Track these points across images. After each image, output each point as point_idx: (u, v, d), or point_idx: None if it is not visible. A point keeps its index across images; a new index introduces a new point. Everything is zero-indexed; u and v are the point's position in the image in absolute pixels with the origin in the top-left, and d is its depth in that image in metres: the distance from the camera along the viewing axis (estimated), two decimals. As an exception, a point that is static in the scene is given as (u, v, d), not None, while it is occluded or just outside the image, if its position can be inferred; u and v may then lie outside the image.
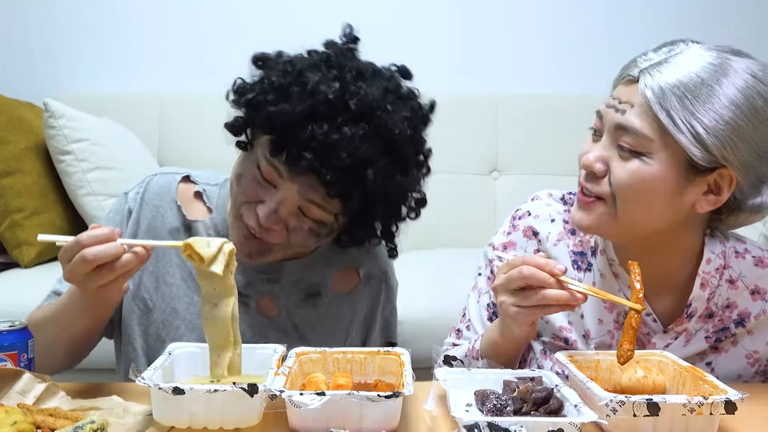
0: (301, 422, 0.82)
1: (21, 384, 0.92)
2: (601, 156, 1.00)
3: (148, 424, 0.85)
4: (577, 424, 0.79)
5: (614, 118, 0.98)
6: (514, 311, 0.96)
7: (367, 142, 1.00)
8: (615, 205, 0.99)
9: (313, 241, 1.11)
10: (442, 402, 0.90)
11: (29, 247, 2.07)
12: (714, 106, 0.93)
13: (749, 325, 1.07)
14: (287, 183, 1.03)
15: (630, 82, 0.98)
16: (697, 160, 0.94)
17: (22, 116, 2.17)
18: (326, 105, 1.00)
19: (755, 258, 1.09)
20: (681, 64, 0.95)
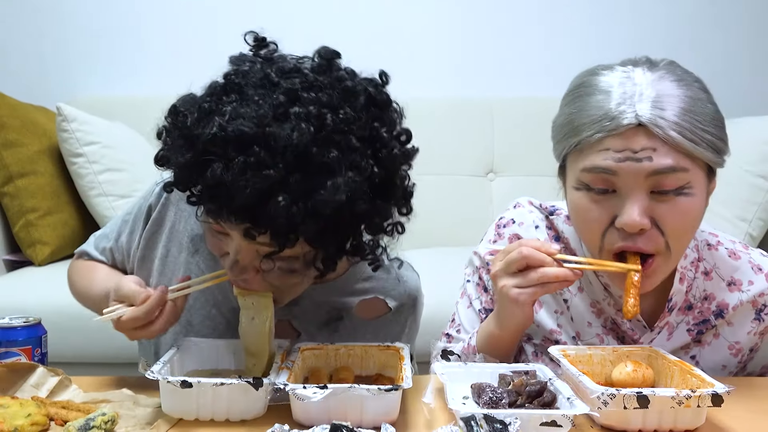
0: (305, 414, 0.82)
1: (35, 378, 0.93)
2: (643, 211, 0.90)
3: (157, 417, 0.85)
4: (570, 416, 0.79)
5: (643, 169, 0.89)
6: (516, 292, 0.95)
7: (263, 166, 0.81)
8: (669, 251, 0.94)
9: (294, 279, 0.95)
10: (439, 395, 0.90)
11: (43, 246, 2.08)
12: (708, 112, 0.94)
13: (728, 316, 1.06)
14: (234, 236, 0.89)
15: (626, 131, 0.90)
16: (714, 166, 0.96)
17: (35, 120, 2.17)
18: (210, 146, 0.83)
19: (728, 250, 1.09)
20: (669, 93, 0.91)
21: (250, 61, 0.92)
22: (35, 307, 1.53)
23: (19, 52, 2.69)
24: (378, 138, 0.90)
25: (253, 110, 0.83)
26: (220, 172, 0.82)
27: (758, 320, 1.06)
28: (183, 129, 0.88)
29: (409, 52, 2.71)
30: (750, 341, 1.07)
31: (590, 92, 0.95)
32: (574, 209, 1.00)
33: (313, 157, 0.82)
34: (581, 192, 0.96)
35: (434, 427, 0.80)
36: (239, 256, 0.91)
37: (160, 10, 2.67)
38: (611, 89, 0.92)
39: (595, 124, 0.92)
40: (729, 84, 2.71)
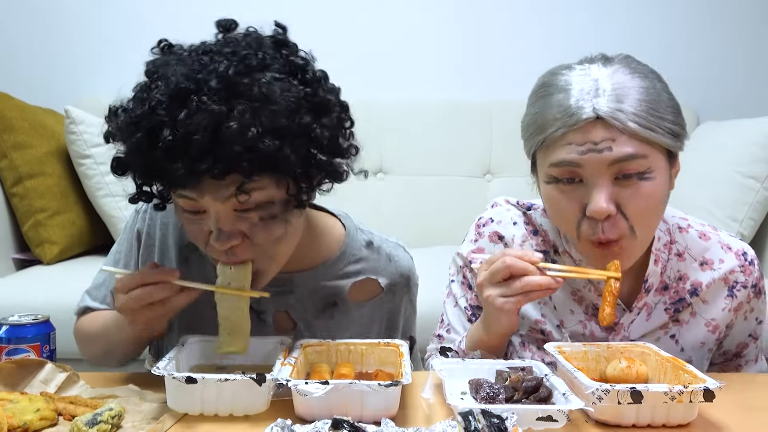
0: (307, 409, 0.82)
1: (43, 373, 0.93)
2: (608, 197, 0.94)
3: (162, 412, 0.85)
4: (565, 411, 0.79)
5: (605, 158, 0.93)
6: (501, 301, 0.96)
7: (205, 107, 0.84)
8: (635, 235, 0.97)
9: (278, 228, 0.94)
10: (438, 390, 0.90)
11: (51, 245, 2.08)
12: (663, 100, 0.97)
13: (702, 294, 1.09)
14: (204, 200, 0.90)
15: (587, 125, 0.94)
16: (674, 150, 1.00)
17: (44, 122, 2.17)
18: (153, 116, 0.87)
19: (698, 232, 1.12)
20: (625, 85, 0.94)
21: (165, 53, 0.98)
22: (44, 304, 1.53)
23: (28, 56, 2.69)
24: (297, 66, 0.94)
25: (179, 72, 0.88)
26: (170, 132, 0.84)
27: (731, 297, 1.09)
28: (126, 116, 0.92)
29: (409, 55, 2.71)
30: (725, 317, 1.10)
31: (551, 91, 0.98)
32: (547, 202, 1.03)
33: (247, 86, 0.86)
34: (551, 185, 1.00)
35: (433, 421, 0.80)
36: (221, 224, 0.91)
37: (164, 15, 2.67)
38: (570, 87, 0.96)
39: (558, 121, 0.96)
40: (722, 86, 2.73)
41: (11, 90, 2.16)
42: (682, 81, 2.72)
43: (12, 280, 1.98)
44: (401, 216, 2.44)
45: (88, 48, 2.71)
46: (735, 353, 1.16)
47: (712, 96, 2.71)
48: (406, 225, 2.41)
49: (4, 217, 2.12)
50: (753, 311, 1.13)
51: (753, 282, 1.10)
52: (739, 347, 1.16)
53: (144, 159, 0.89)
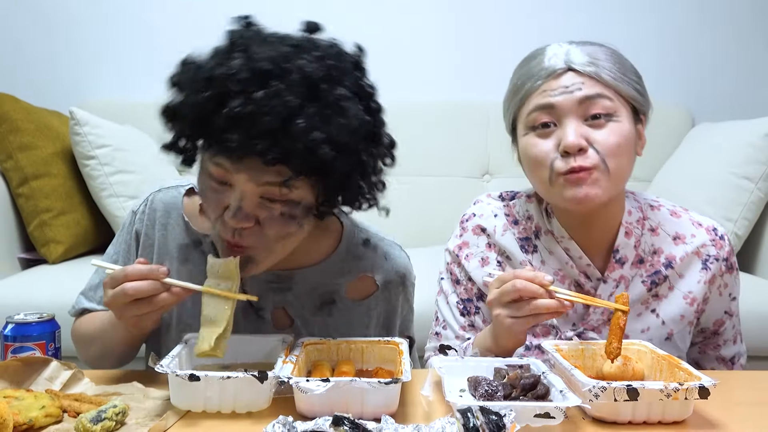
0: (308, 406, 0.82)
1: (49, 371, 0.93)
2: (578, 133, 1.02)
3: (166, 408, 0.85)
4: (563, 408, 0.79)
5: (575, 97, 1.03)
6: (510, 322, 0.97)
7: (283, 96, 0.86)
8: (607, 167, 1.03)
9: (291, 227, 0.96)
10: (437, 388, 0.90)
11: (56, 244, 2.08)
12: (627, 64, 1.08)
13: (677, 267, 1.13)
14: (237, 176, 0.91)
15: (559, 74, 1.05)
16: (638, 107, 1.07)
17: (49, 124, 2.17)
18: (228, 82, 0.88)
19: (669, 210, 1.17)
20: (592, 48, 1.07)
21: (250, 27, 0.97)
22: (49, 303, 1.53)
23: (33, 58, 2.70)
24: (366, 92, 0.97)
25: (266, 53, 0.89)
26: (241, 103, 0.86)
27: (705, 269, 1.13)
28: (199, 72, 0.92)
29: (409, 58, 2.71)
30: (701, 290, 1.13)
31: (528, 60, 1.11)
32: (525, 152, 1.10)
33: (324, 92, 0.89)
34: (529, 135, 1.08)
35: (432, 418, 0.80)
36: (243, 203, 0.92)
37: (168, 18, 2.67)
38: (545, 53, 1.08)
39: (534, 77, 1.07)
40: (716, 88, 2.74)
41: (17, 92, 2.17)
42: (677, 83, 2.76)
43: (18, 279, 1.98)
44: (400, 215, 2.44)
45: (92, 51, 2.71)
46: (713, 331, 1.19)
47: (707, 98, 2.72)
48: (406, 224, 2.40)
49: (10, 217, 2.12)
50: (727, 287, 1.16)
51: (725, 256, 1.14)
52: (716, 325, 1.18)
53: (202, 116, 0.90)
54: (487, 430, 0.71)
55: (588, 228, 1.11)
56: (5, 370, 0.91)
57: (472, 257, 1.18)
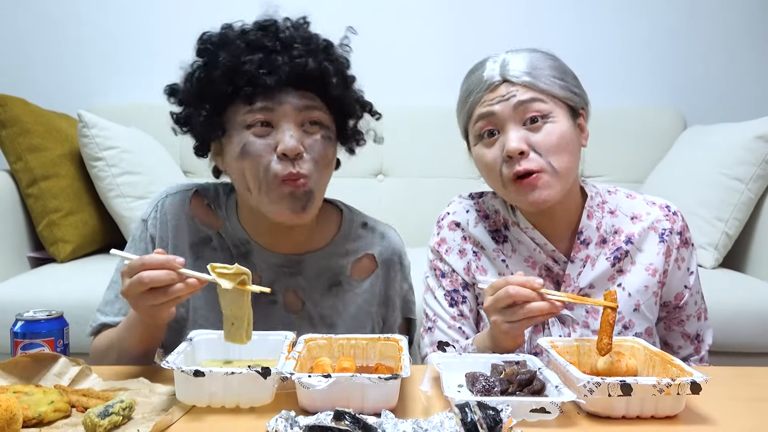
0: (310, 401, 0.82)
1: (57, 367, 0.93)
2: (519, 137, 1.08)
3: (171, 404, 0.85)
4: (558, 403, 0.79)
5: (510, 104, 1.09)
6: (507, 327, 0.99)
7: (300, 31, 1.08)
8: (553, 167, 1.08)
9: (330, 149, 1.10)
10: (436, 383, 0.90)
11: (65, 243, 2.08)
12: (557, 66, 1.13)
13: (637, 242, 1.18)
14: (280, 110, 1.05)
15: (495, 86, 1.11)
16: (573, 105, 1.12)
17: (58, 126, 2.17)
18: (258, 33, 1.06)
19: (626, 194, 1.24)
20: (522, 57, 1.12)
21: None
22: (58, 301, 1.53)
23: (42, 63, 2.69)
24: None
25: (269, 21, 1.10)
26: (273, 40, 1.05)
27: (662, 242, 1.18)
28: (220, 38, 1.09)
29: (409, 65, 2.71)
30: (660, 262, 1.18)
31: (470, 75, 1.18)
32: (478, 161, 1.17)
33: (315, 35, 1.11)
34: (479, 144, 1.15)
35: (431, 413, 0.80)
36: (293, 132, 1.04)
37: (172, 25, 2.68)
38: (484, 66, 1.15)
39: (475, 90, 1.14)
40: (707, 92, 2.74)
41: (27, 95, 2.17)
42: (669, 87, 2.76)
43: (27, 277, 1.98)
44: (400, 215, 2.44)
45: (99, 56, 2.71)
46: (674, 305, 1.22)
47: (698, 101, 2.72)
48: (405, 224, 2.40)
49: (20, 217, 2.12)
50: (684, 261, 1.20)
51: (678, 229, 1.19)
52: (677, 298, 1.21)
53: (238, 64, 1.03)
54: (485, 424, 0.71)
55: (550, 217, 1.16)
56: (15, 366, 0.91)
57: (451, 251, 1.23)
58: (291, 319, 1.14)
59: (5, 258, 2.02)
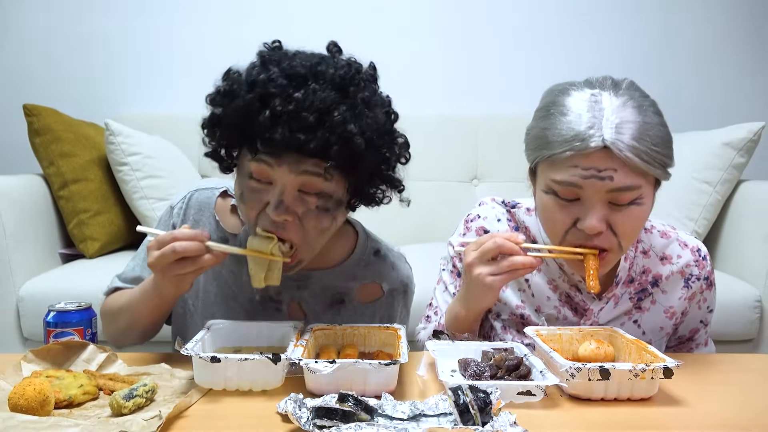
0: (316, 385, 0.82)
1: (86, 354, 0.93)
2: (602, 218, 0.92)
3: (190, 387, 0.85)
4: (542, 387, 0.79)
5: (605, 186, 0.90)
6: (491, 280, 0.95)
7: (320, 94, 0.88)
8: (621, 247, 0.96)
9: (326, 220, 0.96)
10: (431, 368, 0.90)
11: (93, 241, 2.08)
12: (661, 135, 0.93)
13: (662, 285, 1.10)
14: (278, 170, 0.91)
15: (594, 150, 0.90)
16: (662, 179, 0.97)
17: (86, 134, 2.17)
18: (271, 85, 0.89)
19: (660, 232, 1.12)
20: (630, 120, 0.90)
21: (276, 49, 0.98)
22: (86, 293, 1.53)
23: (73, 76, 2.70)
24: (383, 98, 0.99)
25: (298, 62, 0.91)
26: (282, 102, 0.87)
27: (687, 287, 1.10)
28: (241, 79, 0.93)
29: (407, 76, 2.71)
30: (681, 305, 1.11)
31: (562, 112, 0.93)
32: (542, 209, 1.00)
33: (353, 92, 0.91)
34: (549, 196, 0.96)
35: (427, 395, 0.80)
36: (284, 196, 0.92)
37: (192, 42, 2.68)
38: (581, 112, 0.91)
39: (567, 143, 0.91)
40: (679, 102, 2.74)
41: (58, 106, 2.17)
42: (644, 98, 2.75)
43: (59, 272, 1.98)
44: (399, 215, 2.44)
45: (125, 70, 2.71)
46: (688, 338, 1.17)
47: (671, 111, 2.68)
48: (404, 224, 2.41)
49: (52, 217, 2.12)
50: (705, 301, 1.13)
51: (705, 275, 1.11)
52: (691, 332, 1.16)
53: (246, 118, 0.90)
54: (476, 405, 0.71)
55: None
56: (48, 352, 0.91)
57: None
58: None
59: (39, 254, 2.02)
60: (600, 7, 2.72)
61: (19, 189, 1.99)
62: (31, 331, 1.87)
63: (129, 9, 2.69)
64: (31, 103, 2.06)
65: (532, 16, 2.73)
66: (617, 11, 2.72)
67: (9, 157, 2.58)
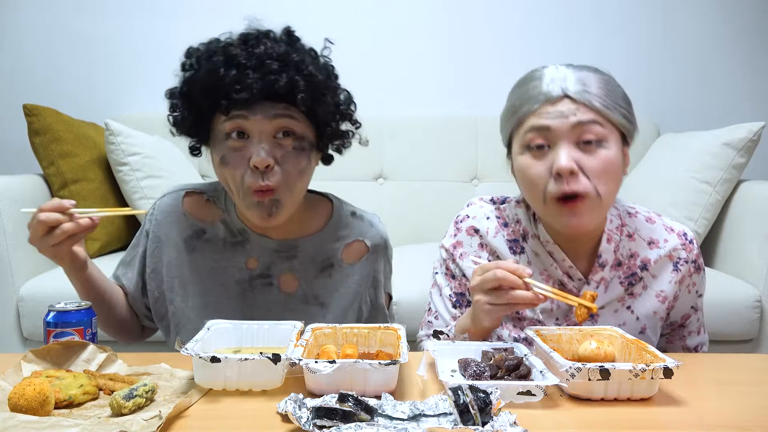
0: (316, 385, 0.82)
1: (86, 353, 0.93)
2: (571, 156, 0.98)
3: (190, 387, 0.85)
4: (542, 387, 0.79)
5: (569, 121, 0.99)
6: (488, 308, 0.96)
7: (275, 46, 1.02)
8: (598, 193, 0.99)
9: (303, 160, 1.05)
10: (431, 368, 0.90)
11: (93, 241, 2.08)
12: (619, 92, 1.03)
13: (651, 269, 1.12)
14: (253, 120, 1.01)
15: (556, 100, 1.00)
16: (626, 132, 1.04)
17: (87, 134, 2.17)
18: (231, 48, 1.02)
19: (645, 216, 1.15)
20: (587, 76, 1.01)
21: None
22: (86, 293, 1.53)
23: (73, 76, 2.70)
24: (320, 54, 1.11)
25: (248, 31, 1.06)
26: (247, 56, 1.00)
27: (676, 271, 1.12)
28: (204, 49, 1.06)
29: (408, 77, 2.71)
30: (672, 289, 1.12)
31: (527, 82, 1.05)
32: (520, 173, 1.06)
33: (300, 45, 1.07)
34: (524, 155, 1.04)
35: (427, 395, 0.80)
36: (263, 144, 1.01)
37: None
38: (543, 77, 1.03)
39: (532, 99, 1.02)
40: (679, 102, 2.74)
41: (58, 106, 2.17)
42: (644, 98, 2.76)
43: (59, 272, 1.96)
44: (399, 216, 2.45)
45: (125, 70, 2.71)
46: (680, 324, 1.19)
47: (670, 111, 2.72)
48: (404, 224, 2.41)
49: (52, 217, 2.12)
50: (695, 285, 1.15)
51: (693, 258, 1.13)
52: (683, 318, 1.18)
53: (215, 80, 1.00)
54: (476, 406, 0.71)
55: (572, 236, 1.08)
56: (48, 352, 0.91)
57: (466, 256, 1.16)
58: (285, 299, 1.15)
59: (39, 254, 2.01)
60: (600, 7, 2.72)
61: (19, 189, 1.98)
62: (31, 331, 1.87)
63: (129, 9, 2.69)
64: (31, 103, 2.06)
65: (532, 17, 2.72)
66: (617, 11, 2.72)
67: (9, 157, 2.58)
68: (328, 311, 1.16)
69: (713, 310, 1.82)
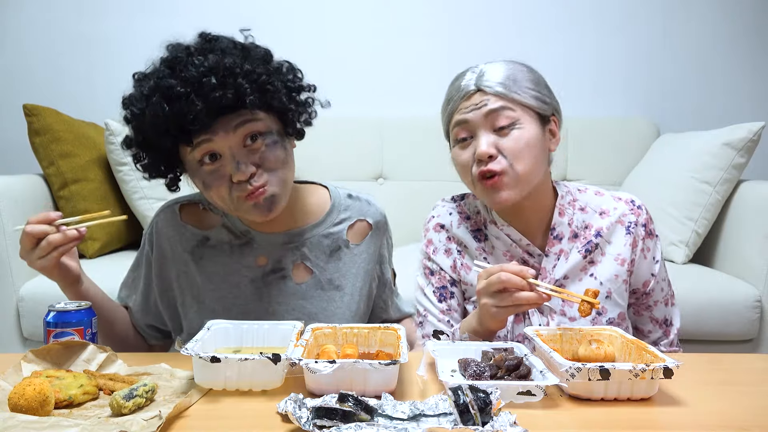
0: (316, 385, 0.82)
1: (86, 354, 0.93)
2: (489, 142, 1.08)
3: (190, 387, 0.85)
4: (542, 387, 0.79)
5: (482, 112, 1.09)
6: (494, 311, 0.99)
7: (202, 60, 0.99)
8: (515, 170, 1.08)
9: (279, 151, 1.05)
10: (431, 368, 0.90)
11: (93, 241, 2.08)
12: (527, 77, 1.12)
13: (605, 235, 1.18)
14: (218, 138, 1.00)
15: (470, 94, 1.11)
16: (542, 112, 1.12)
17: (87, 134, 2.18)
18: (164, 78, 1.00)
19: (594, 192, 1.23)
20: (496, 68, 1.12)
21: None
22: (86, 293, 1.53)
23: (73, 76, 2.70)
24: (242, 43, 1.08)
25: (162, 57, 1.06)
26: (181, 84, 0.97)
27: (629, 234, 1.18)
28: (137, 94, 1.04)
29: (408, 78, 2.71)
30: (628, 252, 1.17)
31: (452, 83, 1.18)
32: (454, 161, 1.18)
33: (221, 44, 1.03)
34: (456, 147, 1.15)
35: (427, 395, 0.80)
36: (237, 157, 1.01)
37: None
38: (463, 76, 1.15)
39: (454, 97, 1.14)
40: (678, 105, 2.74)
41: (58, 106, 2.17)
42: (644, 99, 2.77)
43: (59, 272, 1.98)
44: (399, 216, 2.44)
45: (125, 70, 2.68)
46: (643, 292, 1.21)
47: (670, 111, 2.72)
48: (404, 224, 2.41)
49: (52, 217, 2.12)
50: (649, 250, 1.19)
51: (643, 222, 1.19)
52: (644, 285, 1.21)
53: (164, 119, 0.98)
54: (476, 406, 0.71)
55: (522, 215, 1.16)
56: (48, 352, 0.91)
57: (438, 251, 1.23)
58: (302, 289, 1.15)
59: (39, 254, 2.02)
60: (600, 7, 2.72)
61: (19, 189, 1.98)
62: (31, 331, 1.87)
63: (129, 9, 2.69)
64: (31, 103, 2.06)
65: (532, 17, 2.72)
66: (617, 11, 2.72)
67: (9, 157, 2.58)
68: (345, 293, 1.17)
69: (713, 310, 1.82)
